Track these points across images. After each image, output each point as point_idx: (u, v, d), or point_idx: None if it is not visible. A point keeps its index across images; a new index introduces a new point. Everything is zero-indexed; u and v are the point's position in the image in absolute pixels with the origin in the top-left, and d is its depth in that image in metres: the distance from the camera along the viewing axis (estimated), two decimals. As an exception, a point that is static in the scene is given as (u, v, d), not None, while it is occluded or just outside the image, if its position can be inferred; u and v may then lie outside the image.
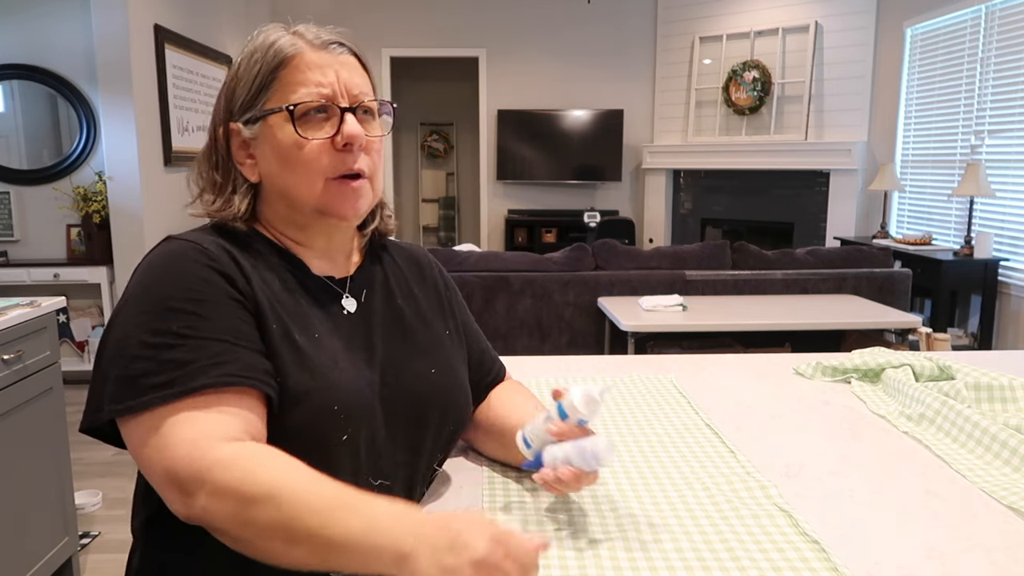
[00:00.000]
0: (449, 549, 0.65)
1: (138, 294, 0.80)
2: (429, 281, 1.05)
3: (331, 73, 0.87)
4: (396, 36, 6.52)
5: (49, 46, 4.10)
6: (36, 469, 2.06)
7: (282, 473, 0.71)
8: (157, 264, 0.82)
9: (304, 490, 0.70)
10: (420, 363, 0.94)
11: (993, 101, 4.17)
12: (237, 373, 0.77)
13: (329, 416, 0.81)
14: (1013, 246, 4.08)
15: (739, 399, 1.31)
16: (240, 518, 0.69)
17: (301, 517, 0.68)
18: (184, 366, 0.75)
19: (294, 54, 0.87)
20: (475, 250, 3.98)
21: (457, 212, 8.73)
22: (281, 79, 0.86)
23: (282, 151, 0.86)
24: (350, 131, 0.85)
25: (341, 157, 0.86)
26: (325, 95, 0.86)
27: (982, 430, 1.07)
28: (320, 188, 0.86)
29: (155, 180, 4.19)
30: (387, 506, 0.70)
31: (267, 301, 0.83)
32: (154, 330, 0.77)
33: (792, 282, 3.74)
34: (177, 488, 0.72)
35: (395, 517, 0.68)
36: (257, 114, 0.87)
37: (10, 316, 1.94)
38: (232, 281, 0.81)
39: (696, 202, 6.48)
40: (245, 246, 0.87)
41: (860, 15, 5.38)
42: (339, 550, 0.67)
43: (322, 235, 0.92)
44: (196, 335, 0.77)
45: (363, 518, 0.68)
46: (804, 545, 0.81)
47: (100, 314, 4.28)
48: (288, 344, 0.82)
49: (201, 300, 0.79)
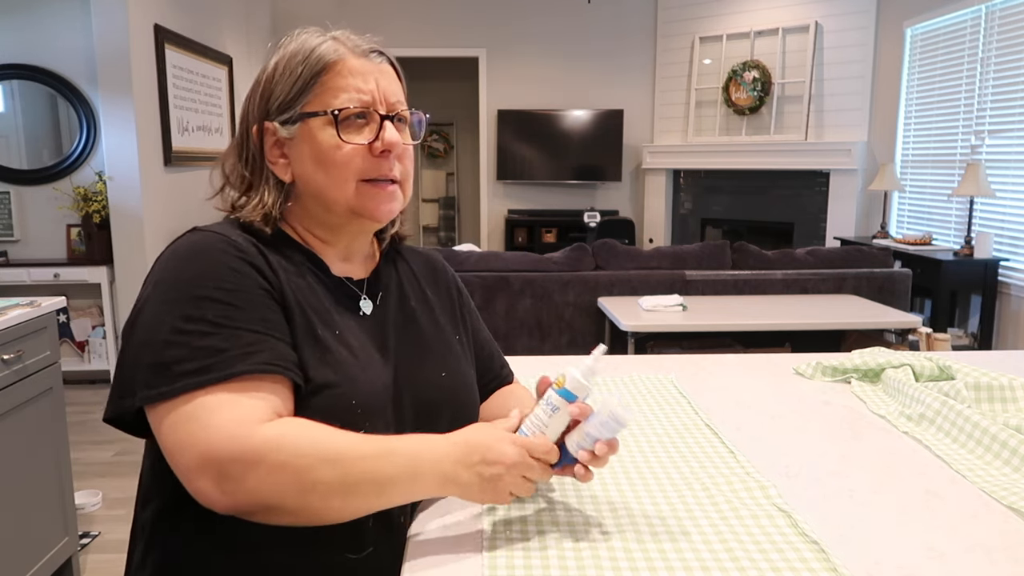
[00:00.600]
0: (484, 462, 0.77)
1: (168, 281, 0.81)
2: (443, 286, 1.07)
3: (372, 80, 0.89)
4: (396, 36, 6.52)
5: (49, 46, 4.10)
6: (36, 469, 2.06)
7: (327, 437, 0.76)
8: (185, 254, 0.83)
9: (350, 446, 0.76)
10: (431, 366, 0.96)
11: (993, 101, 4.17)
12: (270, 362, 0.79)
13: (347, 411, 0.83)
14: (1013, 246, 4.08)
15: (739, 399, 1.31)
16: (302, 486, 0.73)
17: (355, 470, 0.75)
18: (219, 353, 0.77)
19: (336, 60, 0.89)
20: (475, 250, 3.98)
21: (457, 212, 8.73)
22: (323, 83, 0.88)
23: (320, 153, 0.88)
24: (390, 139, 0.88)
25: (377, 162, 0.89)
26: (366, 102, 0.88)
27: (982, 430, 1.07)
28: (353, 190, 0.89)
29: (155, 180, 4.19)
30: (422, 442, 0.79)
31: (292, 295, 0.85)
32: (187, 317, 0.78)
33: (792, 282, 3.74)
34: (216, 472, 0.73)
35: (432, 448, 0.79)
36: (296, 116, 0.89)
37: (10, 316, 1.94)
38: (262, 273, 0.83)
39: (696, 202, 6.48)
40: (268, 242, 0.89)
41: (860, 15, 5.38)
42: (391, 488, 0.77)
43: (348, 235, 0.94)
44: (230, 324, 0.78)
45: (404, 456, 0.77)
46: (803, 545, 0.81)
47: (100, 314, 4.28)
48: (311, 338, 0.84)
49: (233, 290, 0.80)
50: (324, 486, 0.74)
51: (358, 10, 6.50)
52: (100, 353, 4.26)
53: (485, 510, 0.90)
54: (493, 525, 0.86)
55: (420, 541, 0.83)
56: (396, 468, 0.76)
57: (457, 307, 1.07)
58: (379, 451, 0.77)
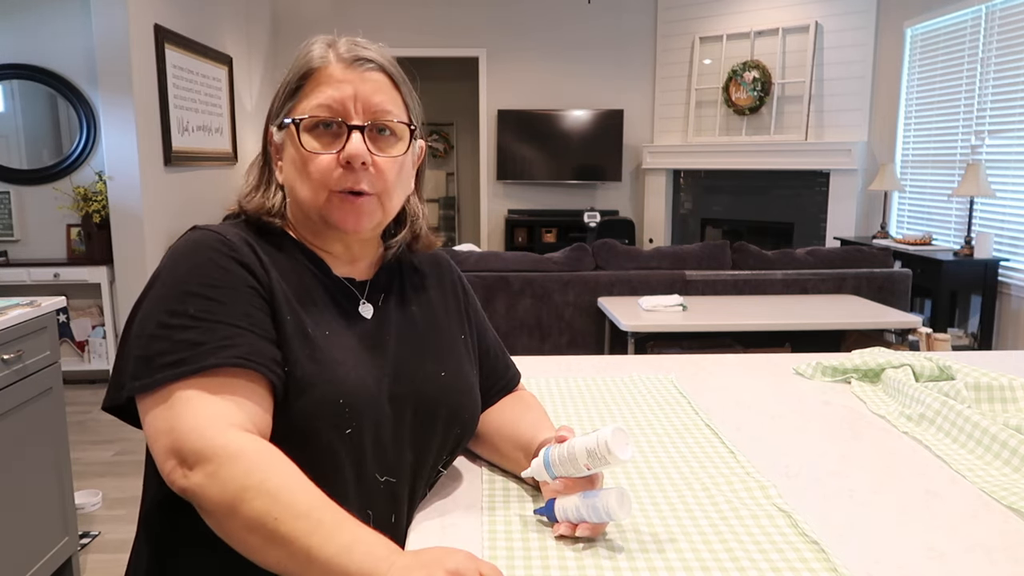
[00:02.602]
0: (422, 566, 0.66)
1: (162, 278, 0.84)
2: (448, 285, 1.06)
3: (347, 89, 0.88)
4: (396, 36, 6.52)
5: (49, 46, 4.10)
6: (36, 469, 2.06)
7: (282, 476, 0.72)
8: (180, 251, 0.85)
9: (298, 497, 0.71)
10: (431, 366, 0.95)
11: (993, 101, 4.17)
12: (244, 356, 0.79)
13: (334, 408, 0.83)
14: (1013, 246, 4.08)
15: (739, 399, 1.31)
16: (230, 505, 0.71)
17: (287, 521, 0.69)
18: (196, 346, 0.78)
19: (319, 67, 0.89)
20: (475, 250, 3.98)
21: (457, 212, 8.73)
22: (304, 90, 0.90)
23: (295, 160, 0.90)
24: (350, 150, 0.87)
25: (344, 174, 0.88)
26: (334, 111, 0.88)
27: (982, 430, 1.07)
28: (323, 199, 0.89)
29: (155, 180, 4.20)
30: (371, 535, 0.71)
31: (283, 293, 0.86)
32: (172, 311, 0.80)
33: (792, 282, 3.74)
34: (178, 459, 0.74)
35: (375, 545, 0.69)
36: (281, 121, 0.91)
37: (10, 316, 1.94)
38: (250, 269, 0.84)
39: (696, 202, 6.48)
40: (271, 241, 0.91)
41: (860, 15, 5.38)
42: (313, 563, 0.68)
43: (338, 241, 0.94)
44: (210, 318, 0.80)
45: (345, 538, 0.69)
46: (804, 545, 0.81)
47: (100, 314, 4.28)
48: (300, 336, 0.84)
49: (218, 286, 0.82)
50: (252, 516, 0.70)
51: (358, 10, 6.50)
52: (100, 353, 4.26)
53: (486, 510, 0.90)
54: (493, 525, 0.86)
55: (420, 542, 0.83)
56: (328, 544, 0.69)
57: (462, 307, 1.06)
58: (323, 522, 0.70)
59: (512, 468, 0.98)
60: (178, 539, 0.85)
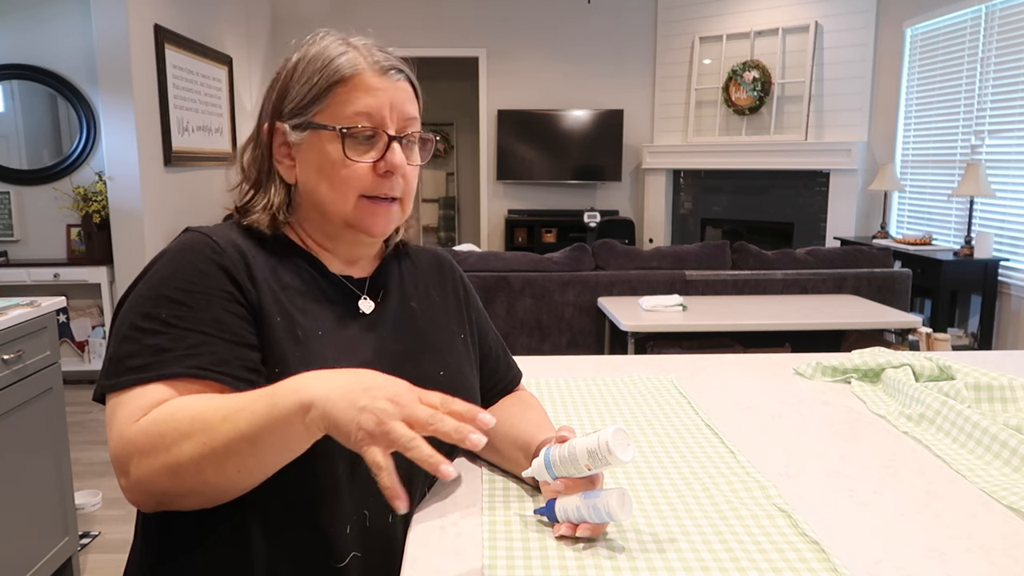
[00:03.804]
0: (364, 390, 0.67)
1: (145, 279, 0.84)
2: (449, 285, 1.06)
3: (385, 99, 0.89)
4: (396, 36, 6.52)
5: (49, 46, 4.10)
6: (36, 469, 2.06)
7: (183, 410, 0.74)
8: (167, 254, 0.85)
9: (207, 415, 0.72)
10: (428, 364, 0.95)
11: (993, 101, 4.17)
12: (207, 367, 0.79)
13: None
14: (1013, 246, 4.08)
15: (739, 399, 1.31)
16: (170, 468, 0.72)
17: (218, 435, 0.71)
18: (161, 353, 0.78)
19: (353, 74, 0.88)
20: (475, 250, 3.98)
21: (457, 212, 8.73)
22: (336, 95, 0.88)
23: (324, 165, 0.89)
24: (394, 161, 0.88)
25: (379, 181, 0.89)
26: (376, 121, 0.88)
27: (982, 430, 1.07)
28: (352, 204, 0.89)
29: (155, 180, 4.19)
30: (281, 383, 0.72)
31: (272, 295, 0.85)
32: (145, 315, 0.81)
33: (792, 282, 3.74)
34: (117, 469, 0.75)
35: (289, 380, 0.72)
36: (306, 123, 0.89)
37: (10, 316, 1.94)
38: (231, 274, 0.84)
39: (696, 202, 6.48)
40: (264, 244, 0.90)
41: (860, 15, 5.38)
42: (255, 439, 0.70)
43: (348, 244, 0.95)
44: (180, 324, 0.80)
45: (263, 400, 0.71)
46: (804, 545, 0.81)
47: (100, 314, 4.28)
48: (291, 337, 0.84)
49: (192, 291, 0.81)
50: (190, 461, 0.72)
51: (358, 10, 6.50)
52: (100, 353, 4.26)
53: (486, 510, 0.90)
54: (493, 525, 0.86)
55: (420, 542, 0.83)
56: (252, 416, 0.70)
57: (463, 306, 1.06)
58: (241, 405, 0.72)
59: (512, 468, 0.98)
60: (175, 541, 0.85)
